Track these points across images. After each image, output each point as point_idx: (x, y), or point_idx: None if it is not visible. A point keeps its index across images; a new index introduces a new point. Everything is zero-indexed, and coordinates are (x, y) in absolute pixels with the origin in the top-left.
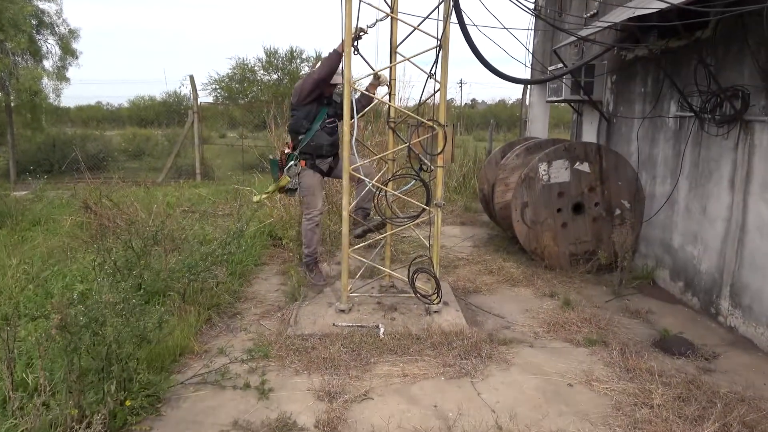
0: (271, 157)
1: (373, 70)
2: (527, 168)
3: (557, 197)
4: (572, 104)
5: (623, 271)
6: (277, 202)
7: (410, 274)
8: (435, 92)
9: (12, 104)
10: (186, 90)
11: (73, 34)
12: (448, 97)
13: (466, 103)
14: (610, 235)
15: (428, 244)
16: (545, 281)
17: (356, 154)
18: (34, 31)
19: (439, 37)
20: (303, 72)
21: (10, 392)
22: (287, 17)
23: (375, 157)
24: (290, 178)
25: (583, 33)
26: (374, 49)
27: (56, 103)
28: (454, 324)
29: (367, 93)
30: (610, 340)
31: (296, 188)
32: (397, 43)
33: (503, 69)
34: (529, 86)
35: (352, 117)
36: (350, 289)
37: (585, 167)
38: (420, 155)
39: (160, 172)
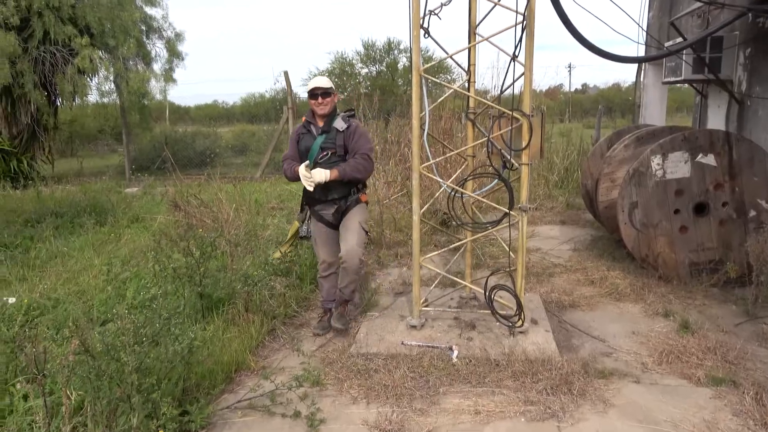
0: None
1: (447, 53)
2: (637, 161)
3: (674, 196)
4: (694, 85)
5: (760, 287)
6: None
7: (488, 291)
8: (518, 77)
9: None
10: (283, 85)
11: (178, 37)
12: (555, 82)
13: (576, 89)
14: (743, 242)
15: (511, 254)
16: (658, 296)
17: (428, 150)
18: (144, 36)
19: (523, 11)
20: (401, 64)
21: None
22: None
23: (450, 153)
24: (299, 222)
25: None
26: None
27: (161, 100)
28: (542, 349)
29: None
30: (741, 379)
31: (307, 235)
32: (477, 22)
33: (615, 49)
34: (642, 66)
35: (422, 108)
36: (424, 301)
37: (710, 160)
38: (502, 151)
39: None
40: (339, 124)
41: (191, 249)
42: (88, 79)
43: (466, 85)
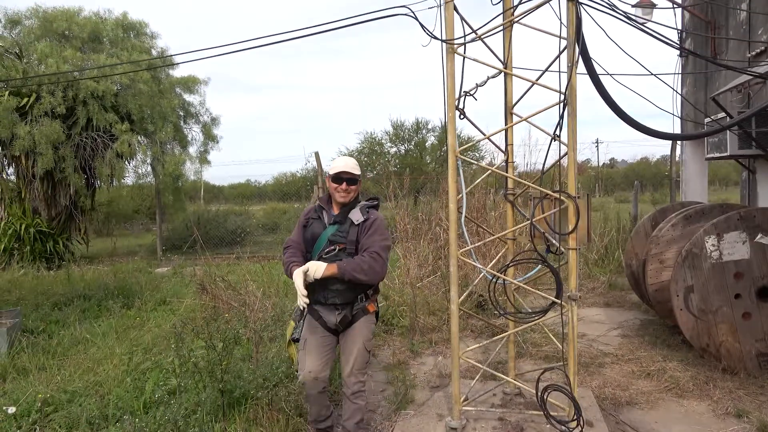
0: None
1: (483, 134)
2: (689, 242)
3: (734, 279)
4: (740, 160)
5: None
6: (394, 279)
7: (539, 392)
8: (562, 157)
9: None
10: (314, 164)
11: (214, 121)
12: (583, 157)
13: (604, 163)
14: None
15: (562, 348)
16: (726, 392)
17: (466, 235)
18: (181, 121)
19: (564, 90)
20: (429, 143)
21: None
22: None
23: (491, 238)
24: (295, 322)
25: (761, 70)
26: (484, 109)
27: (196, 180)
28: None
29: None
30: None
31: (299, 338)
32: (513, 102)
33: (646, 123)
34: (680, 142)
35: (459, 190)
36: (465, 399)
37: None
38: (546, 234)
39: None
40: (356, 215)
41: (213, 342)
42: (126, 162)
43: (504, 165)
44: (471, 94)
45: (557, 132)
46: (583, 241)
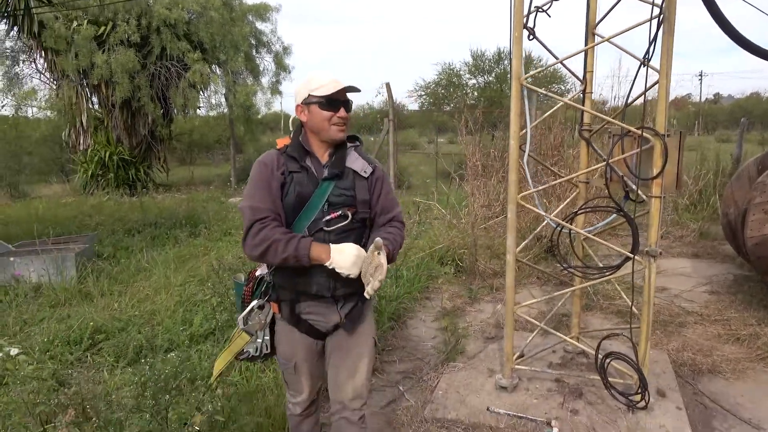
0: (235, 278)
1: (556, 57)
2: None
3: None
4: None
5: None
6: (461, 218)
7: (599, 360)
8: (651, 86)
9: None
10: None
11: (286, 50)
12: (684, 92)
13: (707, 99)
14: None
15: (631, 308)
16: None
17: (528, 176)
18: (253, 50)
19: (661, 3)
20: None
21: None
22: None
23: (557, 181)
24: (250, 334)
25: None
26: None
27: (269, 112)
28: None
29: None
30: None
31: (262, 356)
32: (596, 20)
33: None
34: None
35: (524, 125)
36: (519, 355)
37: None
38: (625, 178)
39: None
40: (358, 163)
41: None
42: (200, 92)
43: (581, 96)
44: (544, 10)
45: (648, 56)
46: (671, 188)
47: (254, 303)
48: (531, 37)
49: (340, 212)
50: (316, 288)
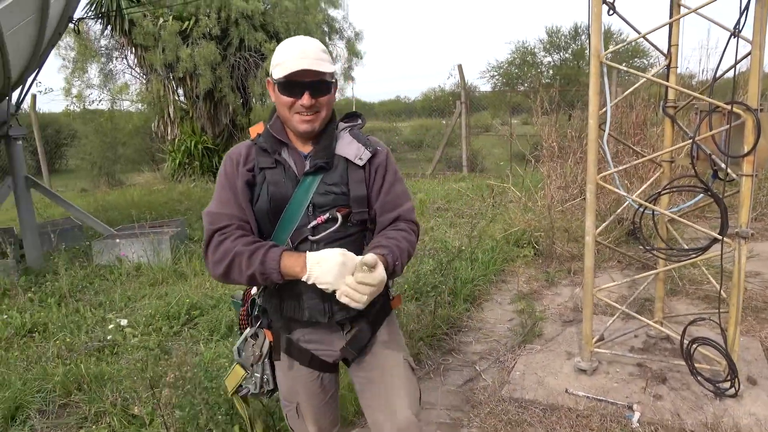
0: (232, 297)
1: (638, 32)
2: None
3: None
4: None
5: None
6: (536, 201)
7: (685, 345)
8: (742, 58)
9: None
10: (456, 80)
11: (358, 36)
12: None
13: None
14: None
15: (719, 292)
16: None
17: (608, 156)
18: (326, 37)
19: None
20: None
21: None
22: None
23: (642, 159)
24: (245, 368)
25: None
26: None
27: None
28: (762, 424)
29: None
30: None
31: (266, 393)
32: None
33: None
34: None
35: (604, 103)
36: (599, 339)
37: None
38: (713, 156)
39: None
40: (352, 148)
41: None
42: None
43: (665, 71)
44: None
45: (740, 27)
46: (764, 165)
47: (247, 331)
48: (611, 12)
49: (328, 215)
50: (309, 313)
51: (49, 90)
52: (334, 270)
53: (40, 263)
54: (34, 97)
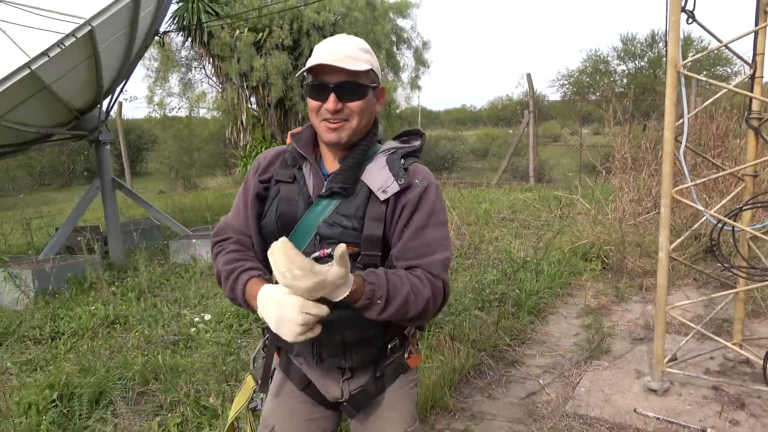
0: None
1: (719, 41)
2: None
3: None
4: None
5: None
6: (606, 212)
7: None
8: None
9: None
10: (525, 88)
11: (425, 45)
12: None
13: None
14: None
15: None
16: None
17: (685, 169)
18: (393, 47)
19: None
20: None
21: None
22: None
23: (722, 173)
24: (256, 381)
25: None
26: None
27: (409, 107)
28: None
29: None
30: None
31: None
32: None
33: None
34: None
35: (681, 114)
36: (671, 359)
37: None
38: None
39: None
40: (378, 178)
41: None
42: None
43: (749, 81)
44: None
45: None
46: None
47: (260, 345)
48: (690, 20)
49: (330, 250)
50: (297, 349)
51: (134, 98)
52: (272, 313)
53: (122, 259)
54: (120, 104)
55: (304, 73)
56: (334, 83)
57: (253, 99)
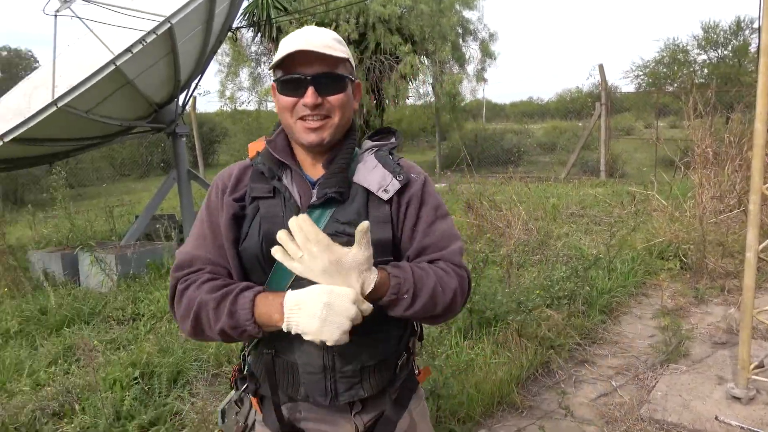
0: None
1: None
2: None
3: None
4: None
5: None
6: (685, 209)
7: None
8: None
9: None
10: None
11: (492, 37)
12: None
13: None
14: None
15: None
16: None
17: None
18: (459, 39)
19: None
20: (753, 46)
21: None
22: None
23: None
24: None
25: None
26: None
27: (474, 99)
28: None
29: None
30: None
31: None
32: None
33: None
34: None
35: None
36: (758, 366)
37: None
38: None
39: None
40: (374, 176)
41: None
42: (409, 82)
43: None
44: None
45: None
46: None
47: (232, 394)
48: None
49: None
50: (305, 391)
51: (207, 92)
52: (318, 313)
53: None
54: (194, 98)
55: (272, 70)
56: (311, 75)
57: None
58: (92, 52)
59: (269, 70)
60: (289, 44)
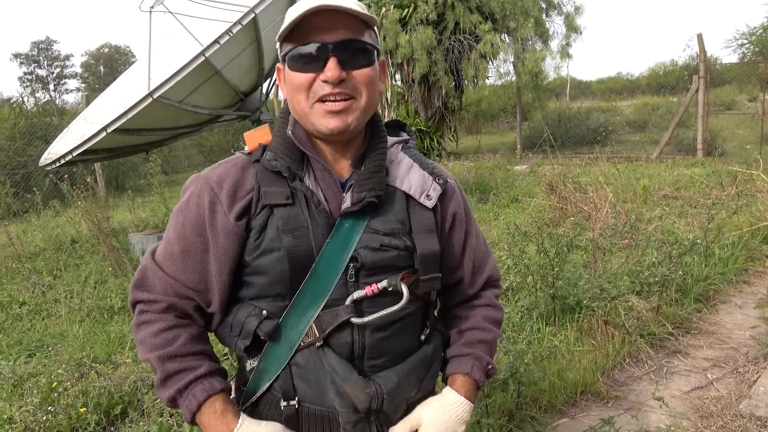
0: None
1: None
2: None
3: None
4: None
5: None
6: None
7: None
8: None
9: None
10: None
11: (578, 10)
12: None
13: None
14: None
15: None
16: None
17: None
18: (543, 14)
19: None
20: None
21: None
22: None
23: None
24: None
25: None
26: None
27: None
28: None
29: None
30: None
31: None
32: None
33: None
34: None
35: None
36: None
37: None
38: None
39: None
40: (413, 179)
41: (544, 247)
42: (489, 62)
43: None
44: None
45: None
46: None
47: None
48: None
49: (385, 283)
50: (309, 390)
51: None
52: None
53: None
54: (277, 86)
55: (281, 44)
56: (332, 42)
57: (397, 76)
58: (183, 44)
59: (276, 42)
60: (301, 5)
